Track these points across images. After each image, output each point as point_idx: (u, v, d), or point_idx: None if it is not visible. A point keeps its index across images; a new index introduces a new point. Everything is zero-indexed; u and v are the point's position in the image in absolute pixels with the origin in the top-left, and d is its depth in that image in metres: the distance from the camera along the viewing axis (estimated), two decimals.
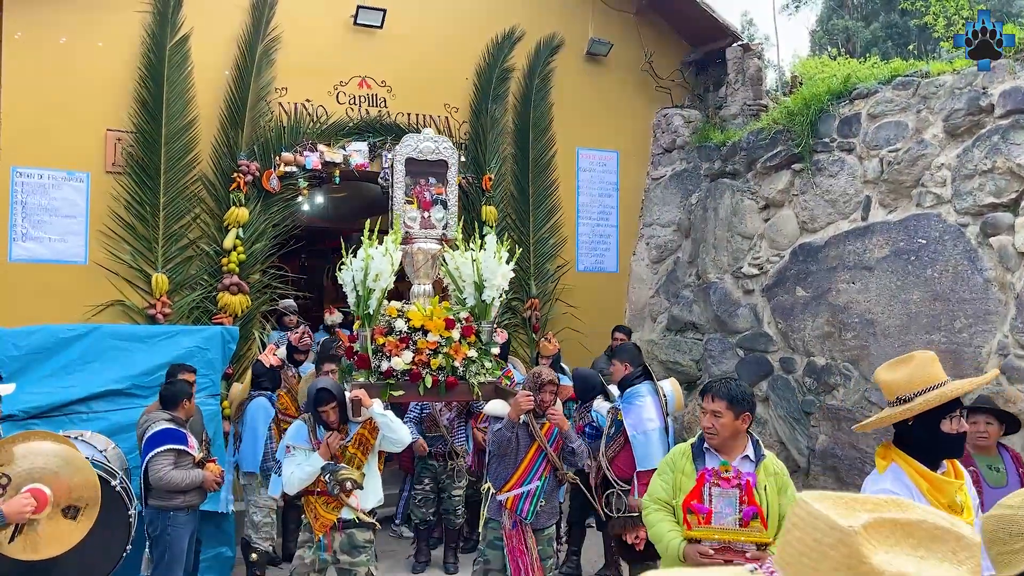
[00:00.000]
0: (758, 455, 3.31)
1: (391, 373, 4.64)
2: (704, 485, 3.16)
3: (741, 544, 3.04)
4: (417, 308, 4.87)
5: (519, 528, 4.47)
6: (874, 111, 6.53)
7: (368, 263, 4.57)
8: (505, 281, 4.97)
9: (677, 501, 3.23)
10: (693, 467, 3.27)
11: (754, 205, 7.59)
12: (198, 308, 7.04)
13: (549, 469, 4.57)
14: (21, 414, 5.07)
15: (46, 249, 6.68)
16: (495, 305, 4.96)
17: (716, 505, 3.11)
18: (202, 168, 7.18)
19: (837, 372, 6.59)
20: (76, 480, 3.86)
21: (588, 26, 8.79)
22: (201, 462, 4.77)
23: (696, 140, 8.58)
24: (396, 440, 4.48)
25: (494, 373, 4.92)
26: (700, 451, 3.33)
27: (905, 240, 6.14)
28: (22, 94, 6.65)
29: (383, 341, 4.69)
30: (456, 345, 4.79)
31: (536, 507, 4.48)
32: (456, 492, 6.21)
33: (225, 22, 7.27)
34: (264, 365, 5.82)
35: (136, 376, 5.50)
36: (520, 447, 4.51)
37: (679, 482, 3.28)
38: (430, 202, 5.40)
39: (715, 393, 3.30)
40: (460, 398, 5.26)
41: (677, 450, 3.44)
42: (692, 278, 8.33)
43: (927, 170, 6.07)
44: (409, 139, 5.50)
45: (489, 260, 4.89)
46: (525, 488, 4.48)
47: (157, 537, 4.68)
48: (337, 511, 4.40)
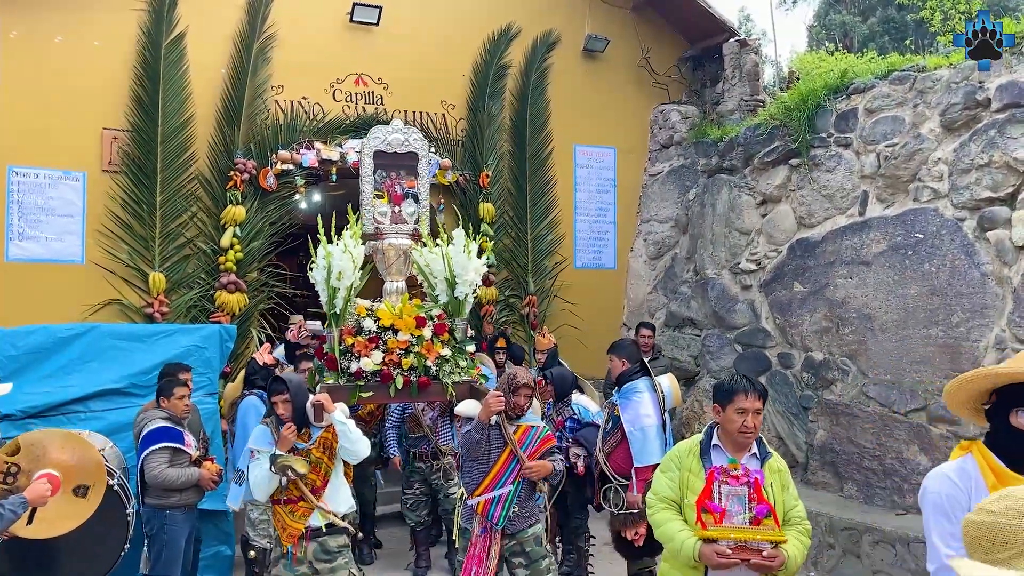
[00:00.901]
0: (764, 453, 3.27)
1: (360, 374, 4.50)
2: (713, 483, 3.09)
3: (757, 543, 2.99)
4: (387, 306, 4.73)
5: (487, 534, 4.29)
6: (871, 106, 6.53)
7: (329, 260, 4.44)
8: (478, 276, 4.81)
9: (689, 500, 3.16)
10: (701, 465, 3.20)
11: (751, 201, 7.59)
12: (196, 307, 7.04)
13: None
14: (19, 414, 5.08)
15: (43, 249, 6.68)
16: (468, 301, 4.82)
17: (725, 503, 3.07)
18: (199, 167, 7.17)
19: (835, 367, 6.59)
20: (82, 461, 4.16)
21: (585, 22, 8.79)
22: (198, 460, 4.77)
23: (693, 136, 8.57)
24: (352, 452, 4.25)
25: (469, 372, 4.77)
26: (707, 448, 3.25)
27: (902, 235, 6.14)
28: (18, 93, 6.64)
29: (352, 341, 4.55)
30: (428, 344, 4.65)
31: (508, 511, 4.28)
32: (452, 491, 6.02)
33: (221, 20, 7.27)
34: (258, 363, 5.79)
35: (134, 375, 5.49)
36: (492, 450, 4.32)
37: (686, 480, 3.21)
38: (401, 196, 5.24)
39: (755, 390, 3.20)
40: (433, 398, 5.09)
41: (683, 447, 3.34)
42: (690, 274, 8.33)
43: (924, 165, 6.07)
44: (377, 131, 5.30)
45: (459, 255, 4.73)
46: (497, 492, 4.29)
47: (154, 536, 4.68)
48: (304, 519, 4.15)
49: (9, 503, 3.47)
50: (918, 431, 5.93)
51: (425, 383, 4.60)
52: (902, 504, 5.97)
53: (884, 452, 6.16)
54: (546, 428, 4.54)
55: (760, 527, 3.03)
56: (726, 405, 3.22)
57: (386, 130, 5.30)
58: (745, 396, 3.19)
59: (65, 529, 4.09)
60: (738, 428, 3.17)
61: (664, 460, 3.41)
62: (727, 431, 3.22)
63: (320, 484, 4.21)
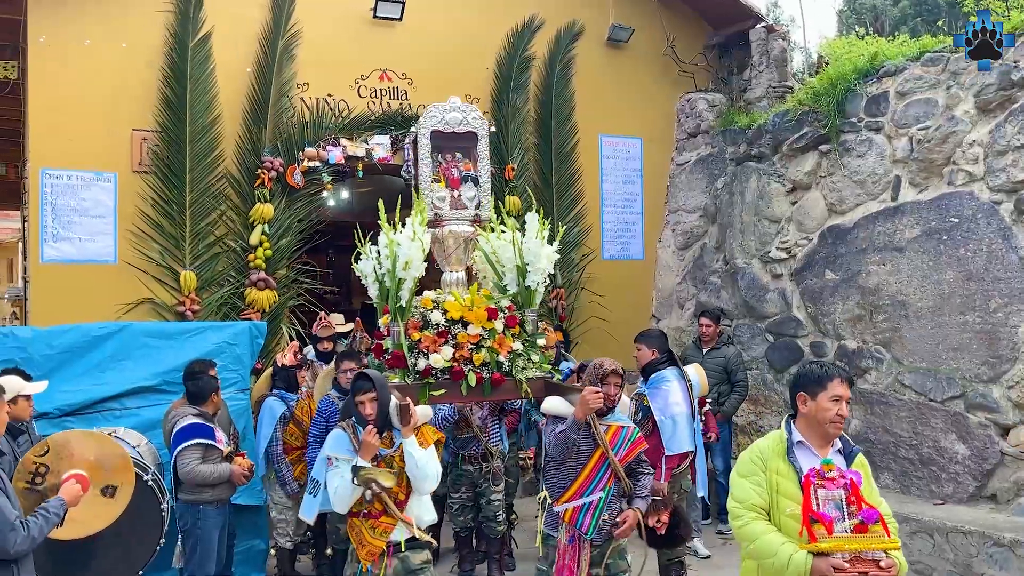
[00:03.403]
0: (849, 448, 3.00)
1: (429, 371, 4.18)
2: (810, 488, 2.80)
3: (872, 553, 2.72)
4: (455, 297, 4.41)
5: (576, 544, 4.00)
6: (903, 89, 6.40)
7: (393, 249, 4.15)
8: (550, 264, 4.51)
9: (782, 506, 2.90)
10: (789, 465, 2.93)
11: (781, 188, 7.49)
12: (226, 304, 7.10)
13: (613, 479, 4.06)
14: (56, 411, 5.17)
15: (76, 249, 6.78)
16: (539, 291, 4.52)
17: (823, 509, 2.79)
18: (227, 165, 7.23)
19: (869, 355, 6.49)
20: (109, 461, 4.22)
21: (609, 12, 8.72)
22: (229, 456, 4.82)
23: (721, 124, 8.47)
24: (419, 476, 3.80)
25: (542, 367, 4.49)
26: (791, 446, 2.97)
27: (937, 219, 6.02)
28: (49, 97, 6.75)
29: (419, 336, 4.24)
30: (500, 337, 4.32)
31: (598, 521, 3.99)
32: (495, 497, 5.65)
33: (246, 19, 7.31)
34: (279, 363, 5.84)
35: (166, 372, 5.55)
36: (581, 453, 4.01)
37: (775, 484, 2.92)
38: (458, 180, 4.90)
39: (843, 376, 2.96)
40: (506, 396, 4.68)
41: (764, 447, 3.02)
42: (719, 264, 8.25)
43: (958, 147, 5.94)
44: (434, 109, 4.92)
45: (531, 241, 4.45)
46: (586, 499, 3.99)
47: (188, 531, 4.74)
48: (386, 535, 3.77)
49: (51, 506, 3.50)
50: (956, 419, 5.82)
51: (499, 380, 4.30)
52: (940, 494, 5.86)
53: (921, 441, 6.05)
54: (636, 429, 4.26)
55: (869, 535, 2.76)
56: (817, 393, 2.95)
57: (443, 108, 4.94)
58: (840, 382, 2.94)
59: (95, 529, 4.16)
60: (831, 417, 2.91)
61: (743, 463, 3.08)
62: (818, 421, 2.95)
63: (404, 497, 3.84)
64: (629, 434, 4.15)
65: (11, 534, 3.19)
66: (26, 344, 5.24)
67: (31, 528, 3.29)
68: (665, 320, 8.74)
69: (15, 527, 3.21)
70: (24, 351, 5.20)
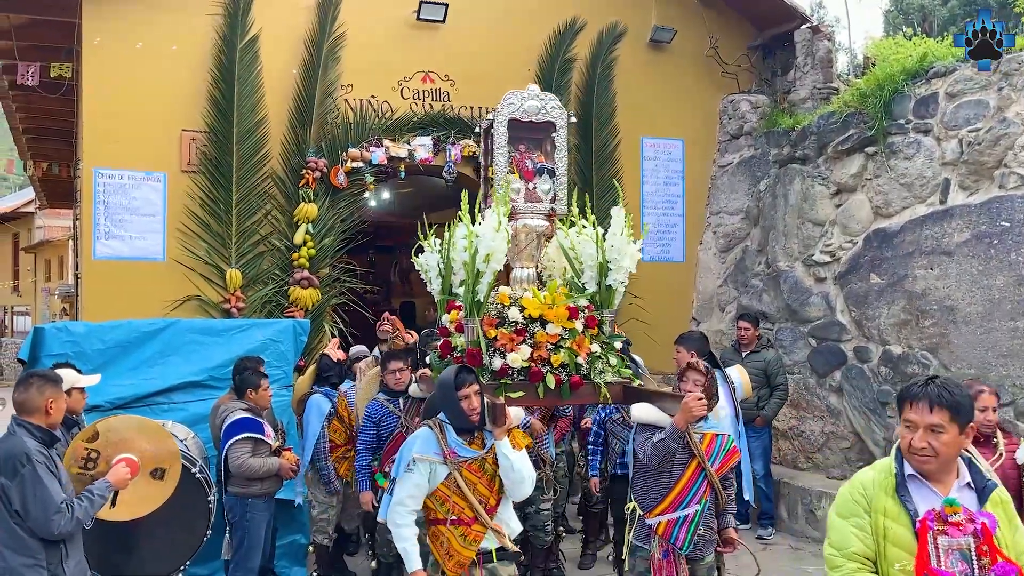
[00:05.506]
0: (982, 482, 2.42)
1: (506, 371, 3.97)
2: (927, 535, 2.27)
3: None
4: (534, 294, 4.19)
5: (671, 558, 3.76)
6: (952, 90, 6.29)
7: (473, 241, 3.95)
8: (633, 263, 4.30)
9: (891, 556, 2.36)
10: (900, 506, 2.37)
11: (825, 191, 7.39)
12: (270, 302, 7.23)
13: (710, 491, 3.84)
14: (107, 404, 5.28)
15: (127, 247, 6.95)
16: (619, 292, 4.31)
17: (945, 561, 2.25)
18: (272, 166, 7.36)
19: (915, 361, 6.37)
20: (156, 446, 4.32)
21: (651, 13, 8.68)
22: (277, 450, 4.91)
23: (764, 126, 8.39)
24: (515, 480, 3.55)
25: (620, 372, 4.28)
26: (902, 480, 2.41)
27: (987, 223, 5.90)
28: (102, 99, 6.93)
29: (495, 334, 4.04)
30: (580, 338, 4.11)
31: (693, 535, 3.76)
32: (544, 505, 5.35)
33: (292, 22, 7.44)
34: (331, 360, 5.86)
35: (213, 368, 5.65)
36: (676, 463, 3.78)
37: (882, 527, 2.37)
38: (532, 172, 4.70)
39: (934, 400, 2.36)
40: (584, 400, 4.43)
41: (867, 481, 2.47)
42: (762, 267, 8.16)
43: (1010, 150, 5.82)
44: (512, 96, 4.72)
45: (616, 238, 4.24)
46: (681, 512, 3.76)
47: (236, 523, 4.84)
48: (476, 544, 3.49)
49: (96, 488, 3.65)
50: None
51: (577, 383, 4.09)
52: None
53: None
54: (731, 438, 4.02)
55: None
56: (900, 415, 2.47)
57: (522, 96, 4.75)
58: (911, 405, 2.41)
59: (145, 511, 4.25)
60: (905, 447, 2.42)
61: (842, 500, 2.52)
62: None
63: (495, 503, 3.60)
64: (724, 443, 3.91)
65: (56, 516, 3.36)
66: (79, 339, 5.36)
67: (75, 510, 3.44)
68: (706, 323, 8.67)
69: (60, 509, 3.37)
70: (77, 345, 5.32)
